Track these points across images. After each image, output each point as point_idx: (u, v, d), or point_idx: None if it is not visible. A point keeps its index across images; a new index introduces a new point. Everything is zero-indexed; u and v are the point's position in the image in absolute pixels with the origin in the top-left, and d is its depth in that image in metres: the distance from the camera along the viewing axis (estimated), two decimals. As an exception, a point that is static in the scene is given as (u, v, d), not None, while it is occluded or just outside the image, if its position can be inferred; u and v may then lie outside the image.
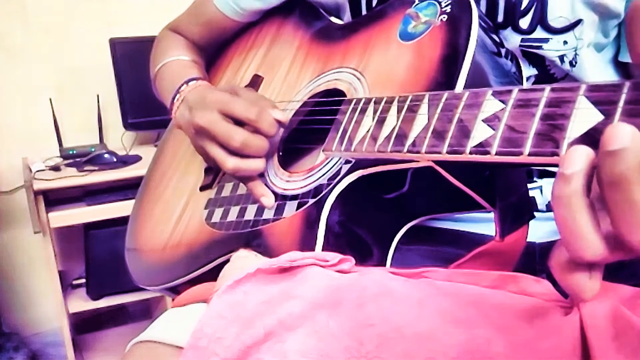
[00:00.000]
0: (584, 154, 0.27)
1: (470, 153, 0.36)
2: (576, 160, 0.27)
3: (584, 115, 0.31)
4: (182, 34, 0.84)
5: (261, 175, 0.61)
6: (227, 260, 0.57)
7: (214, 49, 0.85)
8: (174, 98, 0.70)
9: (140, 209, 0.82)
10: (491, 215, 0.49)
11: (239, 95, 0.60)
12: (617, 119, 0.29)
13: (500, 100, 0.36)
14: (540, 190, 0.63)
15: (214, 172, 0.69)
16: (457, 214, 0.62)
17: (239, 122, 0.58)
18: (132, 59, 1.90)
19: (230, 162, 0.58)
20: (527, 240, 0.63)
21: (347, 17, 0.67)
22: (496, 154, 0.35)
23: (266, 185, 0.60)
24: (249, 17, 0.78)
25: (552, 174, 0.64)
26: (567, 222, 0.27)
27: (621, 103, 0.29)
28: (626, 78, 0.54)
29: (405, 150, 0.41)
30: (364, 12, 0.65)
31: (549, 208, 0.64)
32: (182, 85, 0.70)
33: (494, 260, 0.51)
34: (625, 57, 0.61)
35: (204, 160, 0.64)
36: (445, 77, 0.47)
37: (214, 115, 0.58)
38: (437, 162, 0.44)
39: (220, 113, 0.58)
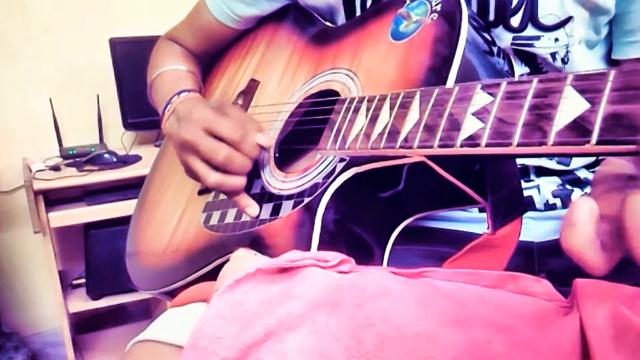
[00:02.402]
0: (588, 209, 0.30)
1: (461, 146, 0.37)
2: (582, 214, 0.30)
3: (570, 104, 0.31)
4: (179, 42, 0.84)
5: (257, 177, 0.61)
6: (225, 262, 0.57)
7: (211, 56, 0.85)
8: (165, 108, 0.70)
9: (141, 214, 0.82)
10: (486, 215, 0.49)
11: (226, 114, 0.60)
12: (602, 106, 0.29)
13: (489, 93, 0.36)
14: (538, 189, 0.63)
15: None
16: (451, 210, 0.63)
17: (222, 141, 0.58)
18: (132, 59, 1.90)
19: (212, 177, 0.59)
20: (526, 240, 0.63)
21: (342, 19, 0.68)
22: (486, 145, 0.35)
23: (262, 186, 0.60)
24: (244, 24, 0.78)
25: (549, 173, 0.64)
26: (580, 259, 0.30)
27: (607, 91, 0.29)
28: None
29: (398, 146, 0.42)
30: (358, 14, 0.65)
31: (546, 207, 0.64)
32: (174, 96, 0.70)
33: (487, 255, 0.51)
34: (618, 55, 0.62)
35: (185, 173, 0.64)
36: (435, 75, 0.47)
37: (198, 131, 0.59)
38: (429, 157, 0.44)
39: (205, 130, 0.58)
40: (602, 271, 0.31)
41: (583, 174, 0.64)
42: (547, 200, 0.63)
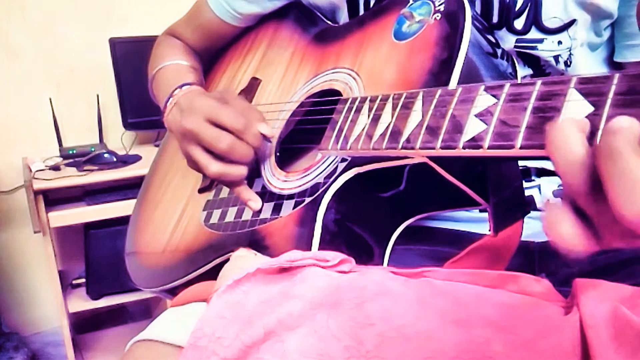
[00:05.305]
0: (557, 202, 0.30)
1: (463, 148, 0.36)
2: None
3: (574, 107, 0.31)
4: (180, 38, 0.84)
5: (258, 176, 0.61)
6: (225, 261, 0.57)
7: (212, 53, 0.85)
8: (167, 101, 0.70)
9: (140, 213, 0.82)
10: (487, 215, 0.49)
11: (229, 104, 0.60)
12: (606, 110, 0.29)
13: (493, 95, 0.36)
14: (539, 189, 0.63)
15: None
16: (453, 211, 0.62)
17: (224, 130, 0.58)
18: (132, 59, 1.90)
19: (214, 166, 0.58)
20: (526, 239, 0.63)
21: (344, 18, 0.67)
22: (488, 148, 0.35)
23: (263, 185, 0.60)
24: (245, 21, 0.78)
25: (550, 173, 0.64)
26: (554, 229, 0.29)
27: (611, 94, 0.29)
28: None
29: (400, 146, 0.41)
30: (361, 12, 0.65)
31: None
32: (176, 89, 0.70)
33: (488, 256, 0.51)
34: (619, 58, 0.62)
35: (187, 164, 0.64)
36: (438, 75, 0.47)
37: (200, 120, 0.58)
38: (431, 158, 0.44)
39: (207, 119, 0.58)
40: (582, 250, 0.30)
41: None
42: (548, 200, 0.63)
